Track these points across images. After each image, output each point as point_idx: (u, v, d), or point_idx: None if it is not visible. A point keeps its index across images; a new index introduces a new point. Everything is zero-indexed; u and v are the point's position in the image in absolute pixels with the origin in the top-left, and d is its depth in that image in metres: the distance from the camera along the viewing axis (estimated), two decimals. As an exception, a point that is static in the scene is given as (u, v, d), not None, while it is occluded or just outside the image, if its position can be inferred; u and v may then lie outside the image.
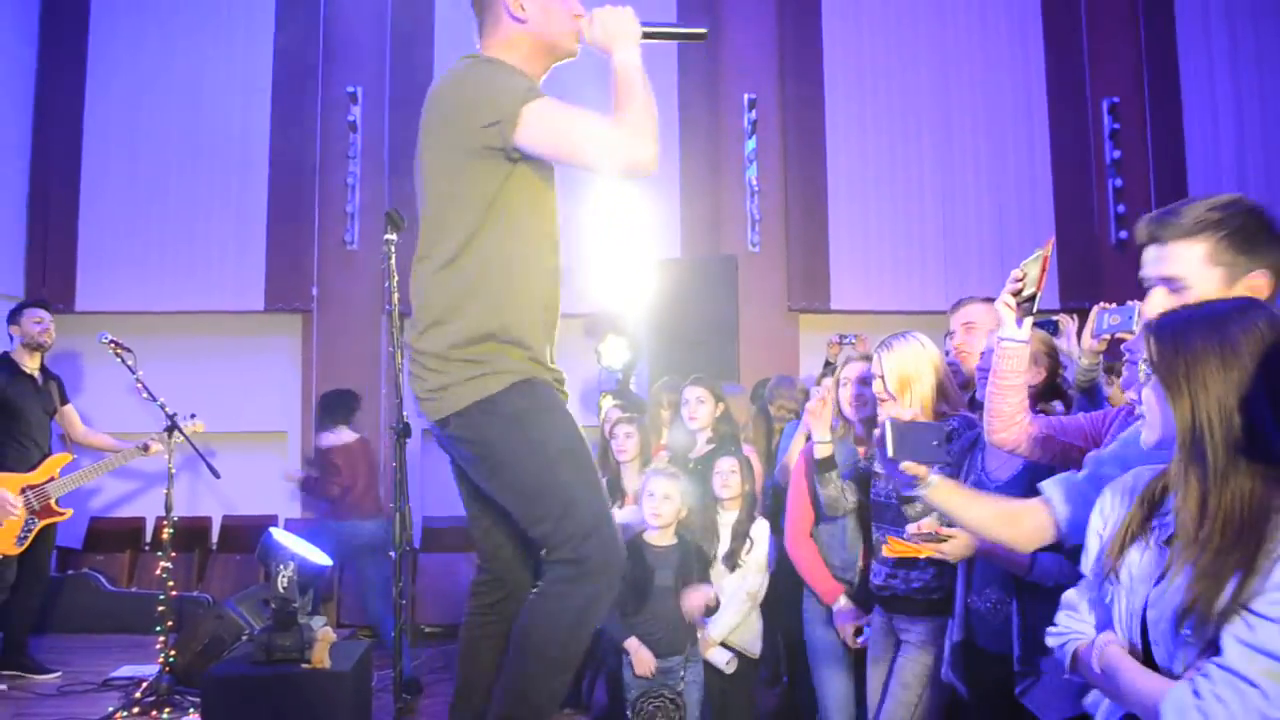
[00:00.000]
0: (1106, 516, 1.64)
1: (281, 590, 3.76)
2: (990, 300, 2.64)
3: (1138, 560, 1.54)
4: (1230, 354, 1.43)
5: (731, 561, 3.70)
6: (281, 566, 3.78)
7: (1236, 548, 1.37)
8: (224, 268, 7.79)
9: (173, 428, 4.96)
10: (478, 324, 2.26)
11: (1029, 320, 2.25)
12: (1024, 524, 1.94)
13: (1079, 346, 4.32)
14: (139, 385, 4.86)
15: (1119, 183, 8.40)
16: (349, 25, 8.01)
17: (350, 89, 7.88)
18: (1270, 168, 8.46)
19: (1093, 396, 3.26)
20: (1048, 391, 2.96)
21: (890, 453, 1.92)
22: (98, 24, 7.91)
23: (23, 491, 5.07)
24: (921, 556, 2.53)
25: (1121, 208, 8.37)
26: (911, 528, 2.42)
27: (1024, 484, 2.56)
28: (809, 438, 3.55)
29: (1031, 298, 2.20)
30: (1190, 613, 1.38)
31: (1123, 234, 8.31)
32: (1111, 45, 8.58)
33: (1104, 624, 1.59)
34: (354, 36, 8.01)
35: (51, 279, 7.64)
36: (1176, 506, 1.48)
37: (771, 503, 4.27)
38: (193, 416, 5.19)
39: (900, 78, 8.42)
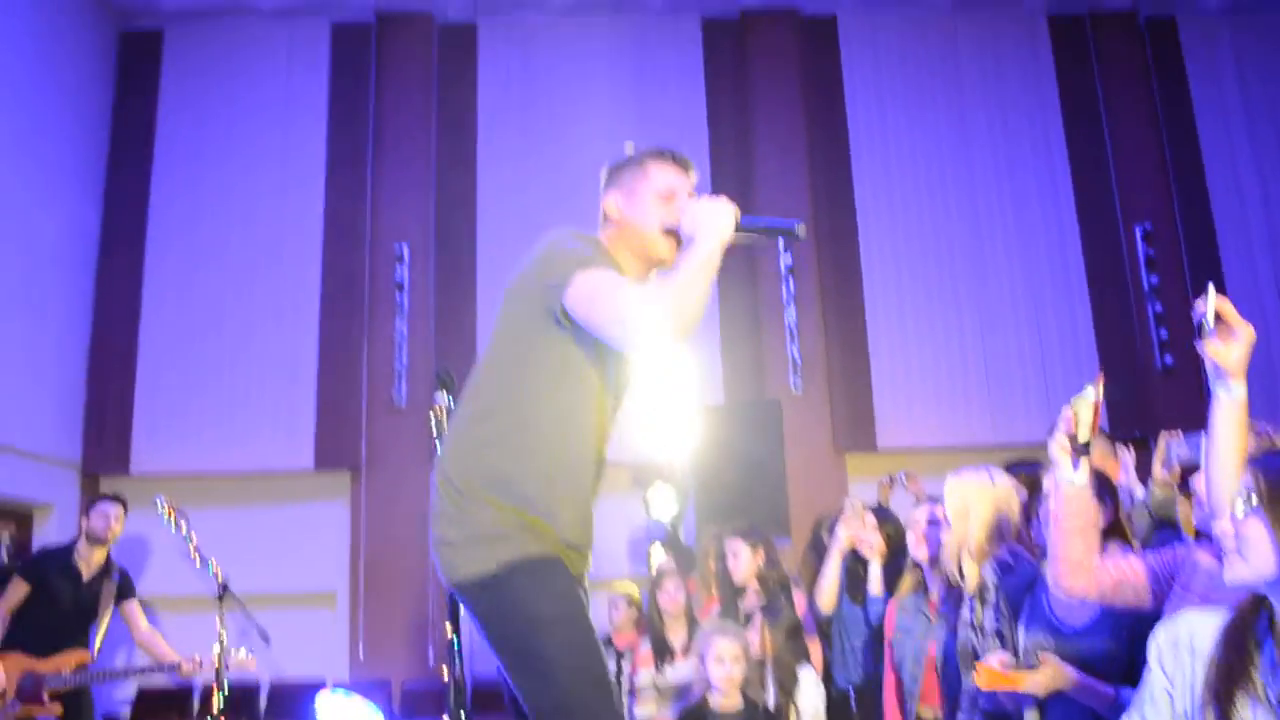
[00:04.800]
0: (1171, 673, 1.53)
1: None
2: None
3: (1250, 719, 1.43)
4: None
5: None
6: None
7: None
8: (275, 426, 7.85)
9: (224, 593, 4.94)
10: (508, 488, 2.20)
11: (1085, 461, 2.23)
12: None
13: (1135, 479, 4.24)
14: (193, 552, 4.87)
15: (1159, 308, 8.36)
16: (395, 186, 8.30)
17: (397, 247, 8.11)
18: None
19: (1174, 526, 3.18)
20: (1112, 530, 2.89)
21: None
22: (158, 191, 8.22)
23: (24, 674, 4.91)
24: (1013, 689, 2.44)
25: (1164, 333, 8.31)
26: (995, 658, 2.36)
27: (1107, 629, 2.48)
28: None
29: (1087, 440, 2.18)
30: None
31: (1168, 359, 8.22)
32: (1138, 170, 8.67)
33: None
34: (400, 197, 8.28)
35: (107, 443, 7.76)
36: None
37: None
38: (250, 653, 5.13)
39: (931, 211, 8.50)
